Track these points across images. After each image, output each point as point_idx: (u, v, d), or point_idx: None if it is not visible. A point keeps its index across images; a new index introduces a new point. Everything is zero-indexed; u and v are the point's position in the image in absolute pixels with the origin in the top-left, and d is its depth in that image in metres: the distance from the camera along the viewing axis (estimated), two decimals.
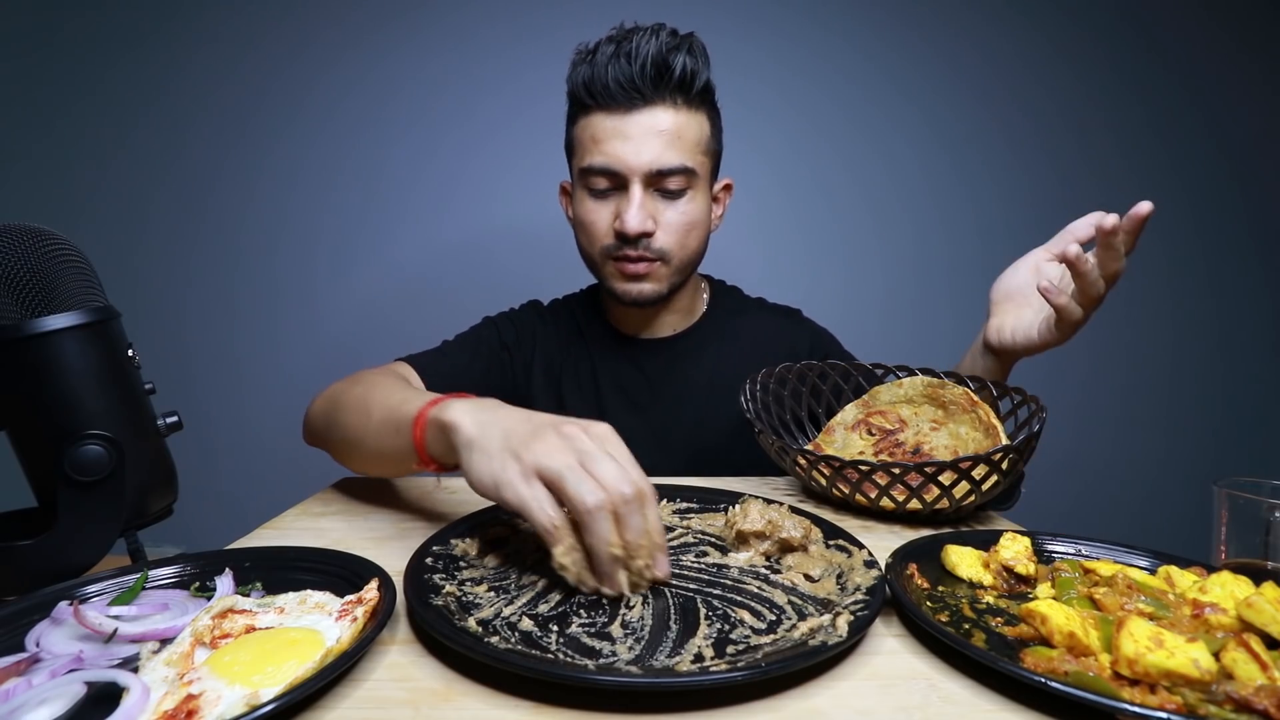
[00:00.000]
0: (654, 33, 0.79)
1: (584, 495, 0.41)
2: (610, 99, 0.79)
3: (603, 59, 0.79)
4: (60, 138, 1.56)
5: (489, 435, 0.47)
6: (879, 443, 0.75)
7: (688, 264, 0.88)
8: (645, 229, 0.81)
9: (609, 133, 0.80)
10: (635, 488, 0.43)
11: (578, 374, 0.95)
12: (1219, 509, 0.53)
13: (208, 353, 1.63)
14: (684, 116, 0.81)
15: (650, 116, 0.79)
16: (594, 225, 0.85)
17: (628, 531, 0.42)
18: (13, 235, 0.46)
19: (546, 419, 0.47)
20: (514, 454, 0.45)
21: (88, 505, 0.46)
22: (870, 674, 0.37)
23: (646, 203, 0.82)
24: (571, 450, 0.44)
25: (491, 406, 0.51)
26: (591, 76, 0.80)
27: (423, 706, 0.33)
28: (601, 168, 0.81)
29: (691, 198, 0.84)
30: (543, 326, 0.98)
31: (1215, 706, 0.31)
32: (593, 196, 0.84)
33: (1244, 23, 1.68)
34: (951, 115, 1.65)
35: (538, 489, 0.43)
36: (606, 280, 0.88)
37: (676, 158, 0.80)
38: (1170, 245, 1.72)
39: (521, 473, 0.44)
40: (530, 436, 0.45)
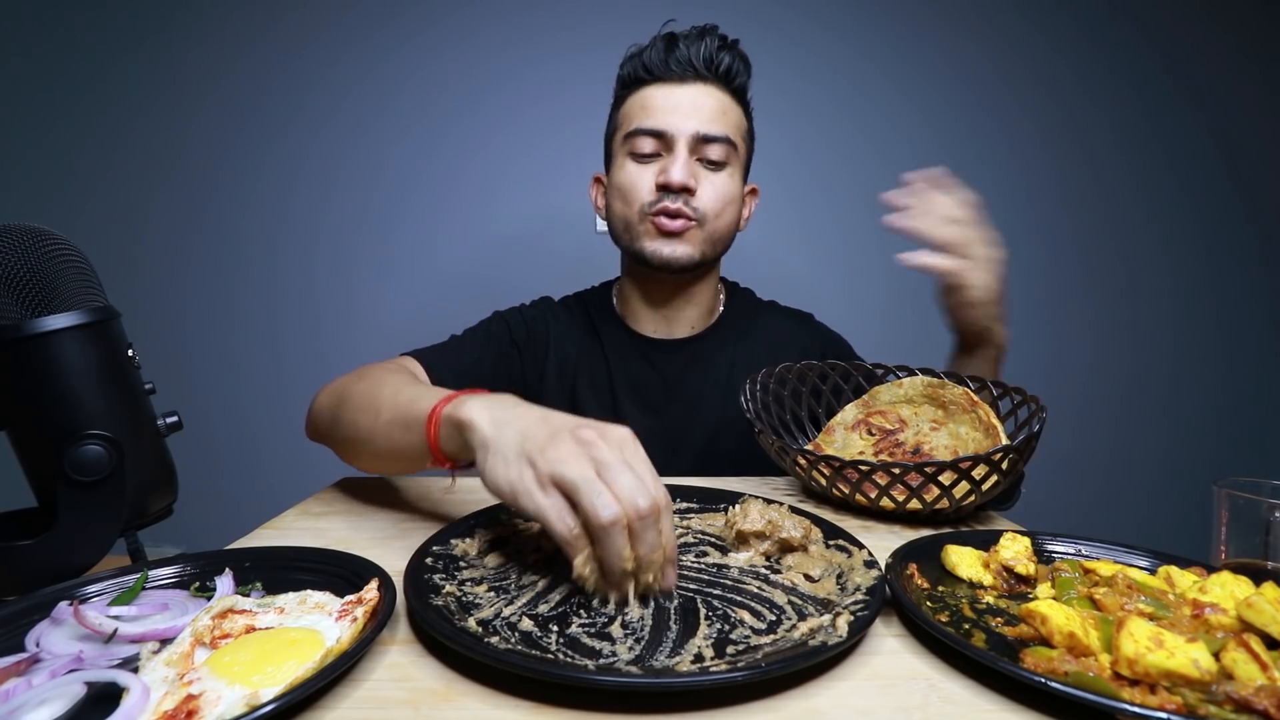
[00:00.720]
0: (705, 32, 0.85)
1: (599, 510, 0.40)
2: (665, 71, 0.85)
3: (661, 40, 0.85)
4: (60, 138, 1.56)
5: (505, 437, 0.46)
6: (879, 443, 0.75)
7: (720, 238, 0.89)
8: (689, 183, 0.83)
9: (660, 99, 0.85)
10: (651, 501, 0.41)
11: (592, 373, 0.94)
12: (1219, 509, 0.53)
13: (208, 353, 1.63)
14: (728, 101, 0.87)
15: (700, 90, 0.85)
16: (635, 186, 0.86)
17: (640, 546, 0.41)
18: (13, 235, 0.46)
19: (565, 421, 0.46)
20: (530, 460, 0.43)
21: (88, 505, 0.46)
22: (870, 674, 0.37)
23: (689, 164, 0.84)
24: (588, 458, 0.42)
25: (508, 405, 0.50)
26: (648, 56, 0.85)
27: (423, 706, 0.33)
28: (650, 128, 0.84)
29: (730, 174, 0.87)
30: (556, 324, 0.97)
31: (1215, 707, 0.31)
32: (636, 160, 0.86)
33: (1244, 23, 1.68)
34: (951, 115, 1.65)
35: (555, 498, 0.42)
36: (639, 241, 0.87)
37: (721, 128, 0.85)
38: (1170, 245, 1.72)
39: (538, 480, 0.43)
40: (547, 441, 0.44)
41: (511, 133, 1.61)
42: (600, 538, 0.40)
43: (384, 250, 1.64)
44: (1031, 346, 1.72)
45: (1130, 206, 1.71)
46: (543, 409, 0.49)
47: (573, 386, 0.94)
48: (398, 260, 1.64)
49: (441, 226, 1.63)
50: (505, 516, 0.58)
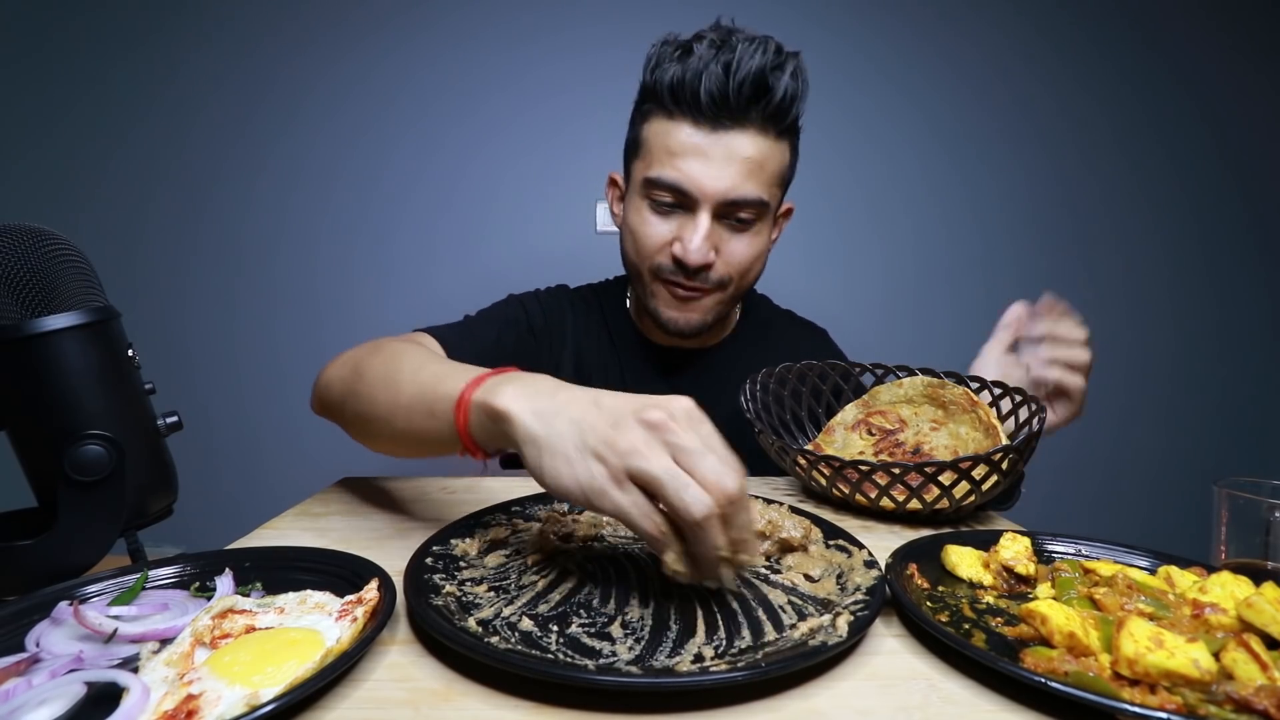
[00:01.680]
0: (760, 45, 0.70)
1: (690, 506, 0.36)
2: (698, 110, 0.71)
3: (698, 63, 0.70)
4: (60, 138, 1.56)
5: (558, 430, 0.41)
6: (879, 443, 0.75)
7: (740, 295, 0.84)
8: (707, 261, 0.75)
9: (688, 148, 0.73)
10: (739, 482, 0.37)
11: (606, 373, 0.91)
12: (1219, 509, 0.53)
13: (208, 353, 1.63)
14: (769, 145, 0.74)
15: (735, 140, 0.72)
16: (649, 240, 0.78)
17: (734, 530, 0.38)
18: (13, 235, 0.46)
19: (623, 404, 0.41)
20: (597, 454, 0.39)
21: (88, 505, 0.46)
22: (870, 674, 0.37)
23: (713, 231, 0.75)
24: (663, 446, 0.38)
25: (549, 389, 0.45)
26: (683, 79, 0.71)
27: (423, 706, 0.33)
28: (672, 184, 0.74)
29: (758, 230, 0.79)
30: (574, 317, 0.92)
31: (1215, 706, 0.31)
32: (653, 209, 0.77)
33: (1244, 23, 1.68)
34: (951, 115, 1.65)
35: (634, 494, 0.38)
36: (650, 300, 0.82)
37: (754, 190, 0.74)
38: (1170, 245, 1.72)
39: (612, 477, 0.38)
40: (611, 430, 0.39)
41: (511, 133, 1.61)
42: (694, 533, 0.37)
43: (384, 250, 1.64)
44: None
45: (1130, 206, 1.71)
46: (589, 390, 0.44)
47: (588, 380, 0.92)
48: (398, 260, 1.64)
49: (441, 226, 1.63)
50: (504, 517, 0.58)
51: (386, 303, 1.64)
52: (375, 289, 1.64)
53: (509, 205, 1.63)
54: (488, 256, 1.64)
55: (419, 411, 0.54)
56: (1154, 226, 1.71)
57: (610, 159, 0.89)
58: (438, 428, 0.51)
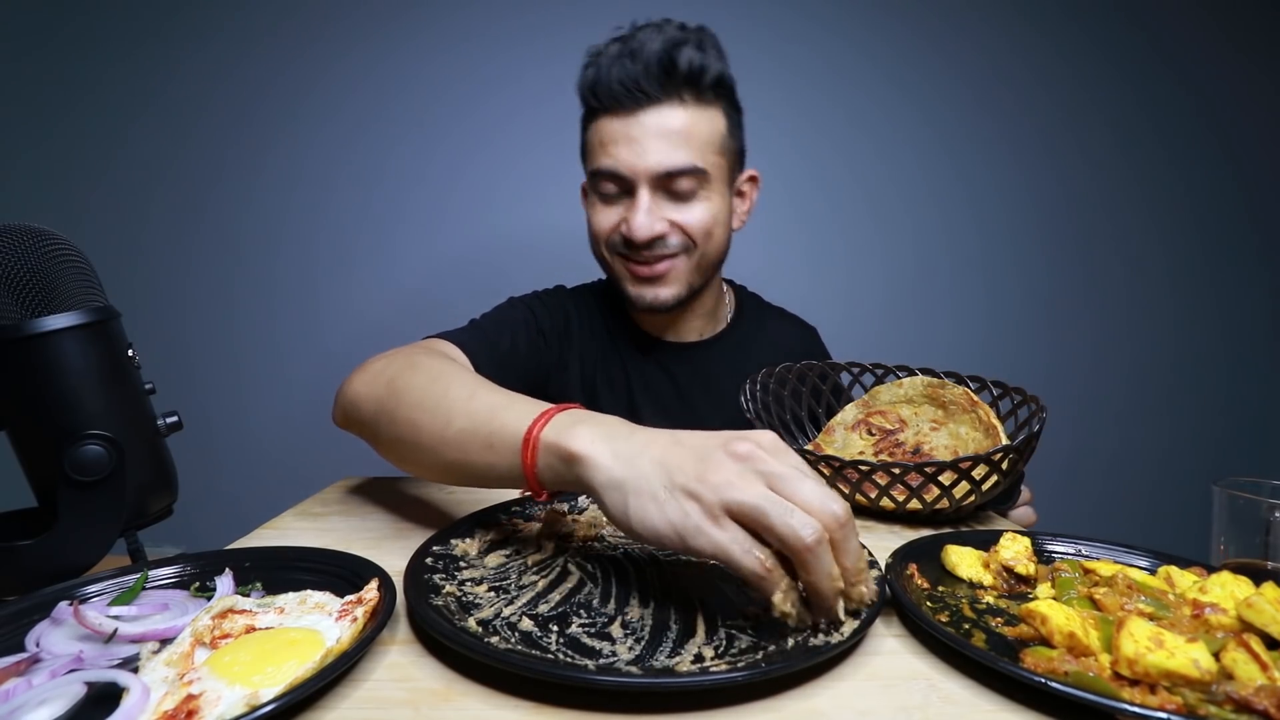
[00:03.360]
0: (659, 28, 0.76)
1: (799, 531, 0.35)
2: (615, 101, 0.77)
3: (607, 60, 0.76)
4: (60, 138, 1.56)
5: (642, 472, 0.39)
6: (879, 443, 0.75)
7: (708, 264, 0.85)
8: (654, 233, 0.78)
9: (615, 135, 0.78)
10: (844, 505, 0.37)
11: (609, 370, 0.93)
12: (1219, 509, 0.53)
13: (208, 353, 1.63)
14: (694, 114, 0.77)
15: (657, 116, 0.76)
16: (599, 226, 0.83)
17: (847, 557, 0.36)
18: (13, 235, 0.46)
19: (705, 439, 0.40)
20: (689, 492, 0.37)
21: (88, 505, 0.46)
22: (870, 674, 0.37)
23: (656, 206, 0.79)
24: (757, 475, 0.37)
25: (624, 432, 0.43)
26: (597, 79, 0.77)
27: (423, 706, 0.33)
28: (608, 170, 0.79)
29: (705, 198, 0.81)
30: (577, 317, 0.94)
31: (1215, 707, 0.31)
32: (602, 200, 0.82)
33: (1244, 23, 1.68)
34: (951, 115, 1.65)
35: (734, 530, 0.36)
36: (619, 281, 0.85)
37: (685, 158, 0.77)
38: (1171, 245, 1.72)
39: (708, 514, 0.37)
40: (700, 465, 0.38)
41: (511, 133, 1.61)
42: (807, 561, 0.35)
43: (384, 250, 1.63)
44: (1031, 346, 1.72)
45: (1130, 206, 1.71)
46: (665, 430, 0.43)
47: (593, 380, 0.93)
48: (397, 260, 1.64)
49: (441, 226, 1.63)
50: (504, 517, 0.58)
51: (386, 302, 1.64)
52: (375, 289, 1.64)
53: (509, 205, 1.63)
54: (488, 256, 1.64)
55: (475, 445, 0.50)
56: (1154, 226, 1.71)
57: None
58: (498, 464, 0.48)
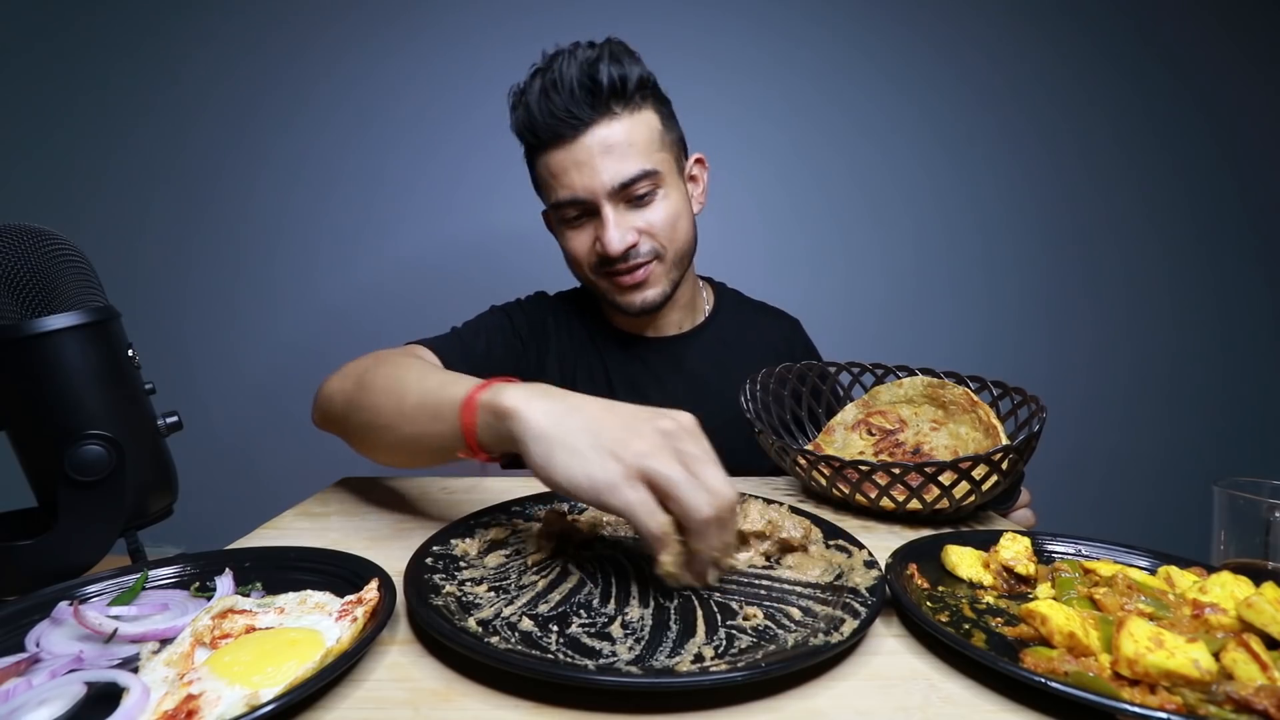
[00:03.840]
0: (571, 54, 0.78)
1: (700, 507, 0.40)
2: (554, 133, 0.79)
3: (534, 97, 0.79)
4: (60, 138, 1.56)
5: (569, 429, 0.44)
6: (879, 443, 0.75)
7: (682, 255, 0.88)
8: (627, 244, 0.81)
9: (564, 165, 0.80)
10: (735, 492, 0.43)
11: (590, 369, 0.95)
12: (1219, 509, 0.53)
13: (208, 353, 1.63)
14: (628, 122, 0.80)
15: (596, 135, 0.78)
16: (577, 252, 0.85)
17: (727, 535, 0.43)
18: (13, 235, 0.46)
19: (635, 410, 0.45)
20: (612, 454, 0.42)
21: (88, 505, 0.46)
22: (870, 674, 0.37)
23: (622, 218, 0.81)
24: (674, 453, 0.42)
25: (555, 394, 0.48)
26: (529, 118, 0.80)
27: (423, 706, 0.33)
28: (567, 200, 0.81)
29: (665, 195, 0.84)
30: (554, 319, 0.97)
31: (1215, 707, 0.31)
32: (570, 226, 0.85)
33: (1244, 23, 1.68)
34: (951, 115, 1.65)
35: (643, 493, 0.41)
36: (609, 296, 0.88)
37: (634, 165, 0.79)
38: (1171, 245, 1.72)
39: (625, 475, 0.41)
40: (626, 433, 0.43)
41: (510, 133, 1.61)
42: (700, 532, 0.41)
43: (384, 250, 1.63)
44: (1032, 346, 1.72)
45: (1131, 206, 1.70)
46: (598, 398, 0.47)
47: (572, 378, 0.94)
48: (397, 260, 1.64)
49: (441, 226, 1.63)
50: (505, 516, 0.58)
51: (386, 303, 1.64)
52: (375, 289, 1.64)
53: (508, 205, 1.63)
54: (487, 256, 1.64)
55: (424, 416, 0.56)
56: (1154, 226, 1.71)
57: None
58: (442, 431, 0.54)
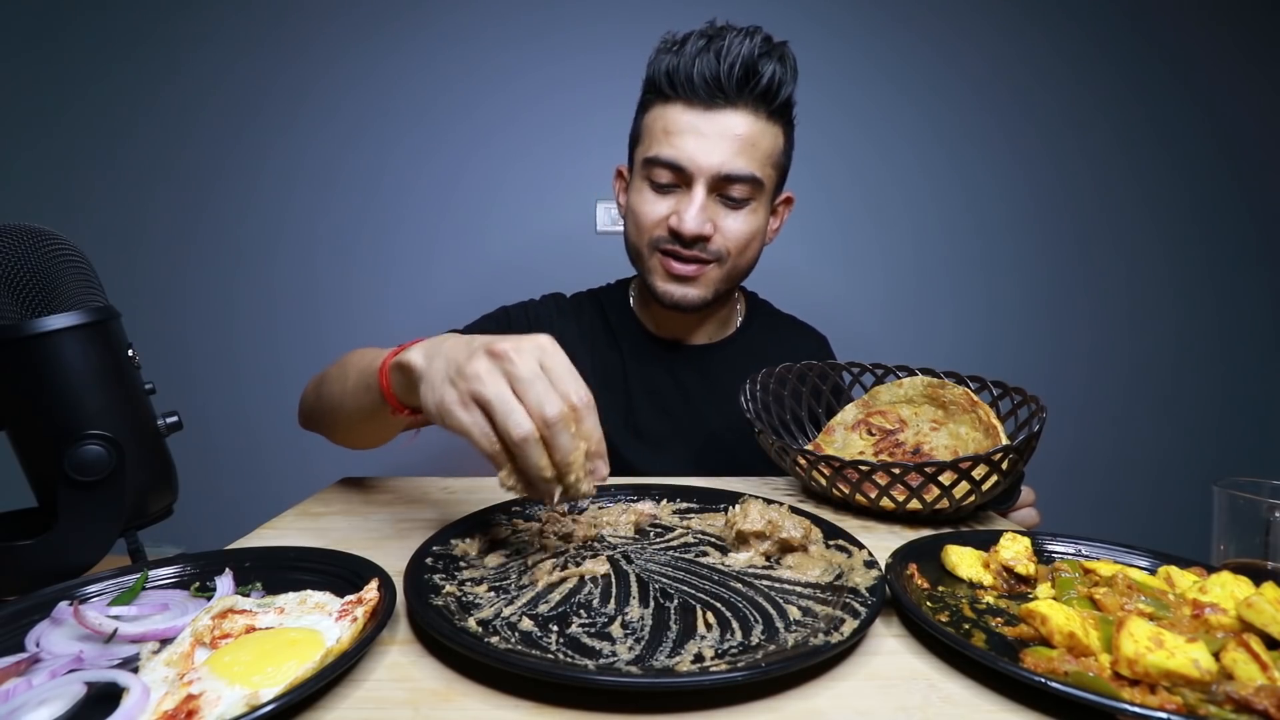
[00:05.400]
0: (748, 34, 0.76)
1: (510, 428, 0.42)
2: (692, 92, 0.77)
3: (691, 51, 0.76)
4: (60, 138, 1.56)
5: (435, 366, 0.48)
6: (879, 443, 0.75)
7: (739, 273, 0.86)
8: (703, 232, 0.79)
9: (683, 126, 0.78)
10: (559, 409, 0.42)
11: (606, 372, 0.93)
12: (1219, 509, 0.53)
13: (208, 353, 1.63)
14: (761, 125, 0.79)
15: (728, 118, 0.77)
16: (647, 216, 0.82)
17: (556, 453, 0.43)
18: (13, 235, 0.46)
19: (482, 340, 0.46)
20: (450, 380, 0.45)
21: (88, 505, 0.46)
22: (870, 674, 0.37)
23: (709, 205, 0.79)
24: (502, 374, 0.43)
25: (442, 339, 0.51)
26: (677, 66, 0.77)
27: (423, 706, 0.33)
28: (669, 160, 0.78)
29: (753, 209, 0.82)
30: (562, 321, 0.95)
31: (1215, 706, 0.31)
32: (652, 188, 0.82)
33: (1244, 23, 1.68)
34: (951, 115, 1.65)
35: (476, 414, 0.43)
36: (649, 275, 0.85)
37: (746, 166, 0.78)
38: (1170, 245, 1.72)
39: (459, 399, 0.44)
40: (465, 360, 0.45)
41: (511, 133, 1.61)
42: (516, 452, 0.42)
43: (384, 250, 1.63)
44: (1032, 346, 1.72)
45: (1131, 206, 1.70)
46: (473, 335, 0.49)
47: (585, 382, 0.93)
48: (398, 260, 1.64)
49: (441, 226, 1.63)
50: (504, 518, 0.58)
51: (386, 303, 1.64)
52: (375, 289, 1.64)
53: (509, 205, 1.63)
54: (487, 256, 1.64)
55: (360, 389, 0.63)
56: (1154, 227, 1.71)
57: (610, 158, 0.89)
58: (373, 399, 0.59)
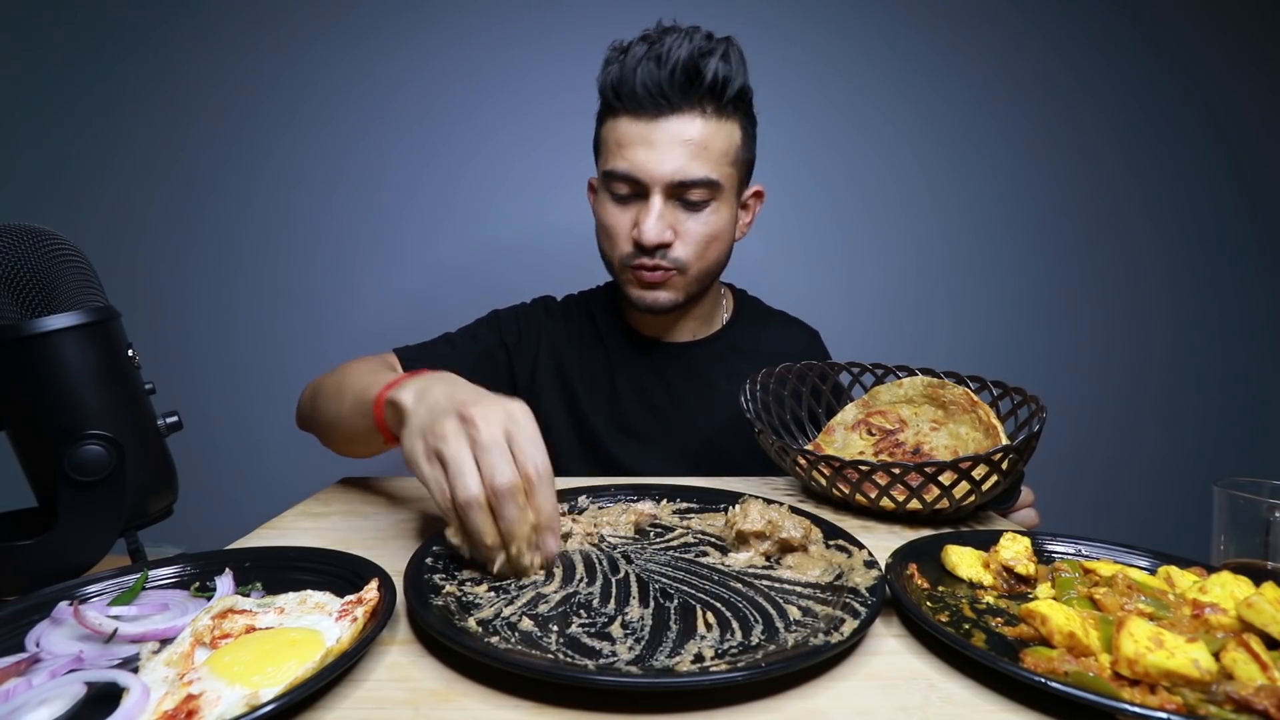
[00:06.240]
0: (688, 35, 0.75)
1: (458, 490, 0.44)
2: (637, 104, 0.76)
3: (633, 60, 0.76)
4: (60, 138, 1.56)
5: (418, 412, 0.50)
6: (879, 443, 0.75)
7: (706, 275, 0.86)
8: (663, 240, 0.79)
9: (633, 138, 0.78)
10: (510, 480, 0.44)
11: (593, 373, 0.94)
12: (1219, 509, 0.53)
13: (208, 353, 1.63)
14: (712, 126, 0.78)
15: (677, 125, 0.76)
16: (614, 230, 0.83)
17: (501, 521, 0.44)
18: (13, 235, 0.46)
19: (462, 397, 0.48)
20: (422, 434, 0.47)
21: (88, 505, 0.46)
22: (870, 674, 0.37)
23: (667, 212, 0.79)
24: (465, 438, 0.45)
25: (435, 381, 0.52)
26: (620, 78, 0.77)
27: (423, 706, 0.33)
28: (623, 174, 0.79)
29: (715, 209, 0.81)
30: (550, 323, 0.96)
31: (1215, 706, 0.31)
32: (614, 201, 0.82)
33: (1244, 23, 1.68)
34: (951, 115, 1.65)
35: (436, 469, 0.46)
36: (624, 286, 0.87)
37: (700, 169, 0.78)
38: (1170, 245, 1.72)
39: (424, 452, 0.47)
40: (439, 417, 0.47)
41: (511, 133, 1.61)
42: (462, 514, 0.44)
43: (384, 250, 1.63)
44: (1031, 346, 1.72)
45: (1130, 206, 1.70)
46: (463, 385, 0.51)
47: (572, 387, 0.93)
48: (397, 261, 1.64)
49: (441, 227, 1.63)
50: None
51: (386, 303, 1.64)
52: (375, 289, 1.64)
53: (509, 205, 1.63)
54: (487, 256, 1.64)
55: (356, 414, 0.64)
56: (1154, 226, 1.71)
57: None
58: (369, 426, 0.60)
